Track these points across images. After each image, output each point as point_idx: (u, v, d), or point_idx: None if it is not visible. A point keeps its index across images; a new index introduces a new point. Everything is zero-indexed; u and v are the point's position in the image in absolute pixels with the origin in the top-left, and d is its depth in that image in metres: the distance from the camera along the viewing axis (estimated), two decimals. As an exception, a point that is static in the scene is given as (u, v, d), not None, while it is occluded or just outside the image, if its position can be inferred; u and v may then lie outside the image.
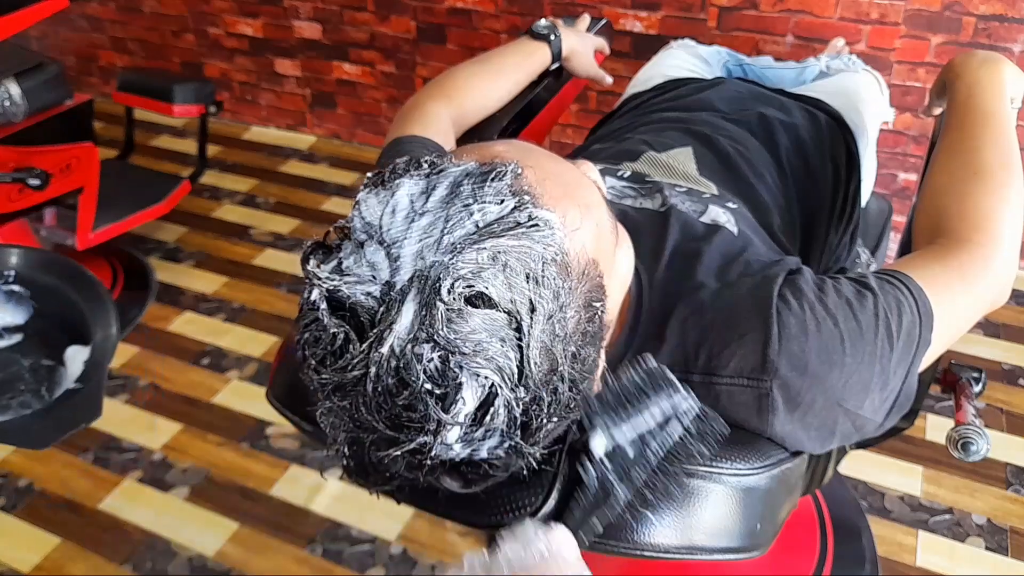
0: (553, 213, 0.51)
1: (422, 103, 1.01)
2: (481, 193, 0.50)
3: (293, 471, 1.70)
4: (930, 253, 0.75)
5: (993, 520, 1.54)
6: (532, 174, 0.53)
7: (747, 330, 0.65)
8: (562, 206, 0.53)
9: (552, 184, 0.54)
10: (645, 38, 2.25)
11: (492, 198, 0.50)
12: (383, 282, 0.48)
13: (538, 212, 0.50)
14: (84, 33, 3.18)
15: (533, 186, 0.52)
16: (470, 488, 0.55)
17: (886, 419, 0.68)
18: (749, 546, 0.65)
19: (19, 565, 1.53)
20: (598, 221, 0.57)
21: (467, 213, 0.49)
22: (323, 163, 2.84)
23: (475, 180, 0.51)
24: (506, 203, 0.50)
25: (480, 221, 0.49)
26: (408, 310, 0.47)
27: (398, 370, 0.47)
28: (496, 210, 0.50)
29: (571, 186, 0.57)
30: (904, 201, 2.18)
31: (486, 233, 0.49)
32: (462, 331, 0.47)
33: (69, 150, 1.91)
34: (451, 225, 0.49)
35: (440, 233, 0.48)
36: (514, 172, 0.52)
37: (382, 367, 0.47)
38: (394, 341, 0.47)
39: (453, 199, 0.50)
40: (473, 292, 0.48)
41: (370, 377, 0.48)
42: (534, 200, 0.51)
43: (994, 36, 1.92)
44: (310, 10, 2.68)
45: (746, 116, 1.09)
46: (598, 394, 0.60)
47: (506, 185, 0.51)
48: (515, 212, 0.50)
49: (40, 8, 1.73)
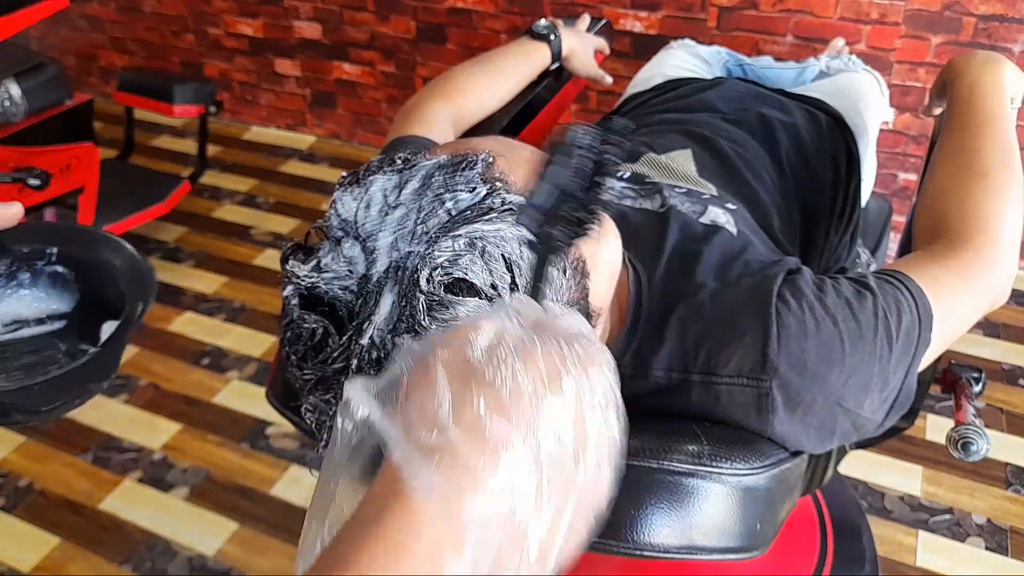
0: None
1: (422, 103, 1.01)
2: (452, 182, 0.51)
3: (293, 471, 1.70)
4: (930, 253, 0.75)
5: (993, 520, 1.54)
6: (504, 162, 0.53)
7: (747, 330, 0.65)
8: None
9: (526, 171, 0.54)
10: (645, 38, 2.25)
11: (464, 186, 0.51)
12: (359, 275, 0.49)
13: (511, 196, 0.51)
14: (84, 33, 3.18)
15: (505, 173, 0.53)
16: None
17: (886, 419, 0.68)
18: (749, 546, 0.65)
19: (19, 565, 1.53)
20: None
21: (439, 203, 0.50)
22: (323, 163, 2.84)
23: (446, 171, 0.51)
24: (478, 190, 0.51)
25: (453, 209, 0.50)
26: (386, 300, 0.48)
27: (379, 360, 0.48)
28: (468, 197, 0.50)
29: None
30: (904, 201, 2.18)
31: (460, 220, 0.49)
32: (444, 319, 0.47)
33: (69, 150, 1.91)
34: (424, 215, 0.49)
35: (414, 224, 0.49)
36: (484, 161, 0.52)
37: (363, 358, 0.48)
38: (374, 332, 0.47)
39: (425, 190, 0.50)
40: (452, 279, 0.48)
41: (351, 369, 0.48)
42: (506, 186, 0.52)
43: (994, 36, 1.92)
44: (310, 10, 2.68)
45: (746, 116, 1.09)
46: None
47: (477, 173, 0.51)
48: (488, 198, 0.50)
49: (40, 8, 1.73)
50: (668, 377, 0.68)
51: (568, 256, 0.54)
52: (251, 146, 2.99)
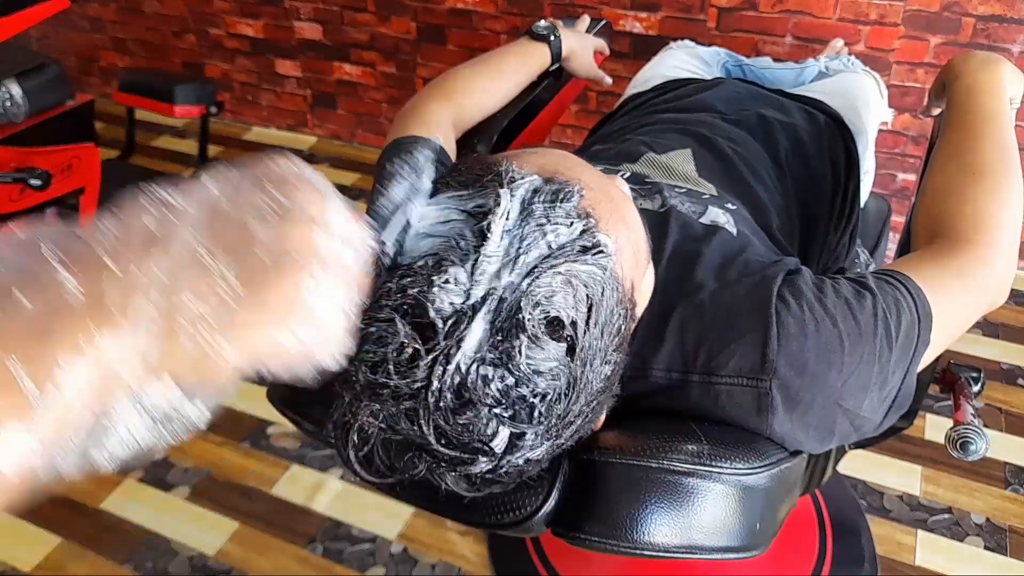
0: (611, 237, 0.53)
1: (422, 103, 1.01)
2: (553, 214, 0.51)
3: (294, 470, 1.70)
4: (929, 253, 0.75)
5: (992, 519, 1.55)
6: (591, 195, 0.54)
7: (746, 330, 0.65)
8: (616, 230, 0.54)
9: (606, 206, 0.55)
10: (645, 39, 2.25)
11: (563, 220, 0.51)
12: (462, 292, 0.48)
13: (600, 237, 0.52)
14: (85, 34, 3.18)
15: (594, 208, 0.53)
16: (478, 492, 0.55)
17: (885, 418, 0.68)
18: (748, 545, 0.65)
19: (20, 564, 1.53)
20: (638, 243, 0.58)
21: (541, 234, 0.50)
22: (324, 163, 2.84)
23: (545, 199, 0.51)
24: (575, 226, 0.51)
25: (553, 243, 0.50)
26: (478, 328, 0.47)
27: (460, 388, 0.48)
28: (566, 233, 0.50)
29: (618, 207, 0.57)
30: (903, 201, 2.18)
31: (560, 255, 0.49)
32: (536, 358, 0.48)
33: (70, 150, 1.91)
34: (526, 245, 0.49)
35: (516, 252, 0.49)
36: (580, 193, 0.52)
37: (445, 382, 0.47)
38: (460, 358, 0.47)
39: (528, 218, 0.50)
40: (549, 318, 0.49)
41: (432, 391, 0.48)
42: (597, 224, 0.52)
43: (993, 36, 1.92)
44: (311, 11, 2.69)
45: (745, 117, 1.10)
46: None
47: (573, 207, 0.52)
48: (583, 236, 0.51)
49: (41, 9, 1.73)
50: (668, 377, 0.68)
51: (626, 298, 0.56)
52: (252, 146, 2.99)
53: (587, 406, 0.54)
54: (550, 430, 0.52)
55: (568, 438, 0.55)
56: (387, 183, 0.54)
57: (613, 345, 0.54)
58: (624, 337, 0.56)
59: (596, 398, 0.55)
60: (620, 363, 0.57)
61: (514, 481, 0.56)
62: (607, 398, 0.58)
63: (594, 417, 0.58)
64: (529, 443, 0.51)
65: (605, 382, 0.55)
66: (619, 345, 0.56)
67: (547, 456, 0.55)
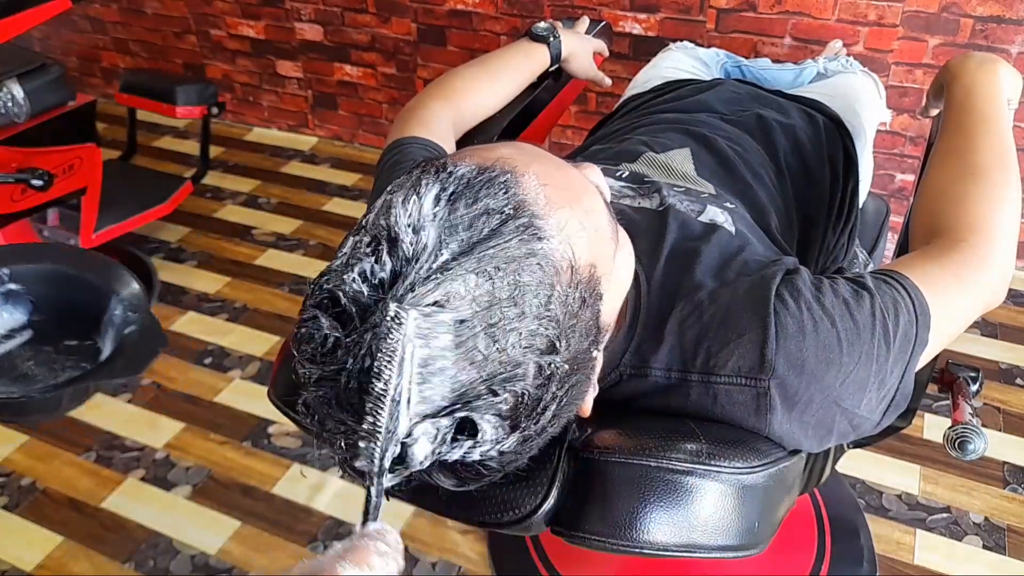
0: (552, 220, 0.52)
1: (422, 105, 1.02)
2: (481, 199, 0.50)
3: (295, 470, 1.71)
4: (927, 253, 0.75)
5: (990, 519, 1.55)
6: (532, 180, 0.53)
7: (745, 330, 0.65)
8: (562, 213, 0.53)
9: (552, 190, 0.53)
10: (644, 40, 2.26)
11: (493, 204, 0.50)
12: (375, 283, 0.48)
13: (537, 220, 0.51)
14: (87, 34, 3.19)
15: (533, 192, 0.52)
16: (464, 486, 0.55)
17: (883, 418, 0.68)
18: (747, 544, 0.65)
19: (22, 564, 1.54)
20: (597, 227, 0.56)
21: (465, 222, 0.49)
22: (324, 164, 2.85)
23: (475, 187, 0.51)
24: (506, 210, 0.50)
25: (477, 231, 0.49)
26: (391, 311, 0.47)
27: (369, 372, 0.47)
28: (496, 219, 0.50)
29: (572, 191, 0.56)
30: (901, 201, 2.18)
31: (483, 242, 0.49)
32: (439, 340, 0.47)
33: (72, 151, 1.92)
34: (449, 231, 0.49)
35: (438, 241, 0.49)
36: (513, 178, 0.52)
37: (356, 364, 0.47)
38: (371, 342, 0.47)
39: (455, 204, 0.50)
40: (456, 301, 0.48)
41: (345, 371, 0.48)
42: (533, 207, 0.51)
43: (991, 37, 1.93)
44: (311, 12, 2.69)
45: (744, 117, 1.10)
46: None
47: (503, 191, 0.51)
48: (514, 219, 0.50)
49: (43, 10, 1.74)
50: (667, 376, 0.68)
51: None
52: (253, 147, 3.00)
53: (540, 390, 0.51)
54: (507, 420, 0.50)
55: (545, 425, 0.53)
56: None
57: (568, 328, 0.52)
58: (588, 320, 0.54)
59: (564, 383, 0.53)
60: (590, 344, 0.55)
61: (499, 473, 0.54)
62: (581, 380, 0.56)
63: (571, 401, 0.55)
64: (491, 436, 0.50)
65: (571, 364, 0.53)
66: (580, 328, 0.53)
67: (526, 447, 0.53)
